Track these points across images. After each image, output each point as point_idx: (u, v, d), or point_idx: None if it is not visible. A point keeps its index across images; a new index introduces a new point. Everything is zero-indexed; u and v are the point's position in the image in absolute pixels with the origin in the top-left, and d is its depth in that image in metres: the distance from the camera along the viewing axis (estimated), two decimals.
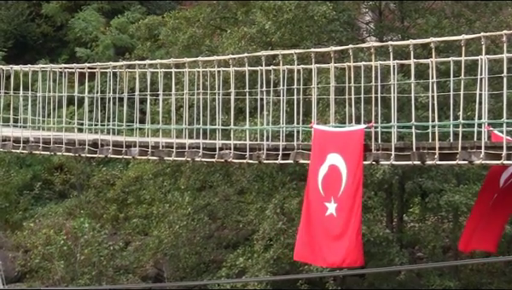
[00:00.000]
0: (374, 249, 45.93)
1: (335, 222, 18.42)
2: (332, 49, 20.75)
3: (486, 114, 17.65)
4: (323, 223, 18.65)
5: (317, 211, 18.81)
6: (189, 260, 47.90)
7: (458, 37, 19.01)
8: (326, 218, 18.57)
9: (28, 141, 27.75)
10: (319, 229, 18.81)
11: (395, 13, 51.88)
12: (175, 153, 23.74)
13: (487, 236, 20.42)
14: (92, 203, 51.12)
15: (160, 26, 52.44)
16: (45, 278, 46.83)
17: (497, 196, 19.71)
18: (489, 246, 20.78)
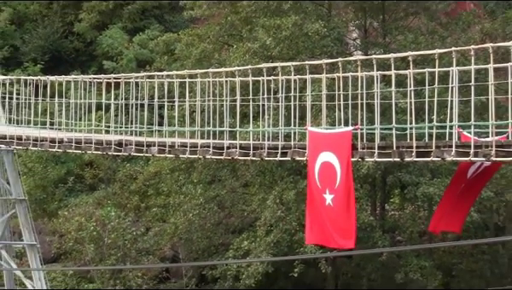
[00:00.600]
0: (360, 234, 45.68)
1: (333, 211, 18.52)
2: (324, 62, 20.73)
3: (457, 118, 17.63)
4: (324, 211, 18.76)
5: (318, 201, 18.94)
6: (201, 243, 47.93)
7: (432, 51, 18.97)
8: (326, 208, 18.64)
9: (62, 141, 27.73)
10: (322, 217, 18.90)
11: (378, 30, 51.92)
12: (189, 151, 23.74)
13: (454, 220, 20.48)
14: (118, 194, 51.10)
15: (176, 42, 52.41)
16: (77, 259, 46.84)
17: (464, 186, 19.72)
18: (455, 228, 20.84)
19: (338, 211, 18.55)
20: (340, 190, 18.54)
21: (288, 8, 47.70)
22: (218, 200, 47.68)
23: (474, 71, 17.49)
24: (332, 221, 18.78)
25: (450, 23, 52.05)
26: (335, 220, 18.69)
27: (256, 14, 48.70)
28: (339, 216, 18.58)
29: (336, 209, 18.55)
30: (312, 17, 48.19)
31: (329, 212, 18.72)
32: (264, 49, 45.06)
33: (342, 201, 18.56)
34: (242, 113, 23.68)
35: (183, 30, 53.48)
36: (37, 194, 48.40)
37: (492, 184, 40.89)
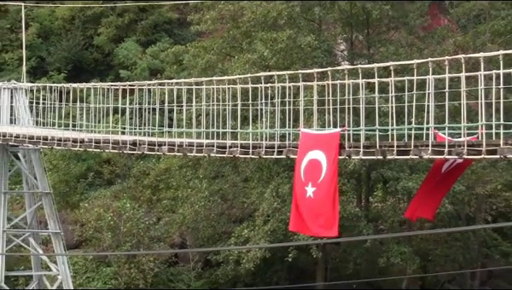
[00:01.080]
0: (347, 223, 46.03)
1: (314, 202, 18.54)
2: (315, 71, 20.74)
3: (433, 120, 17.64)
4: (305, 203, 18.78)
5: (300, 193, 18.92)
6: (206, 232, 47.94)
7: (411, 61, 18.98)
8: (307, 199, 18.67)
9: (83, 141, 27.74)
10: (303, 208, 18.92)
11: (363, 43, 51.87)
12: (195, 150, 23.73)
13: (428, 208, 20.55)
14: (132, 188, 51.09)
15: (184, 53, 52.40)
16: (96, 245, 46.82)
17: (438, 180, 19.74)
18: (429, 215, 20.92)
19: (318, 203, 18.55)
20: (322, 184, 18.52)
21: (283, 24, 47.73)
22: (221, 194, 47.71)
23: (448, 79, 17.52)
24: (311, 212, 18.78)
25: (427, 36, 52.13)
26: (315, 211, 18.69)
27: (255, 28, 48.72)
28: (319, 207, 18.57)
29: (317, 201, 18.56)
30: (305, 31, 48.19)
31: (310, 204, 18.73)
32: (262, 59, 45.07)
33: (324, 194, 18.51)
34: (243, 116, 23.67)
35: (191, 42, 53.48)
36: (60, 187, 48.38)
37: (464, 179, 40.95)
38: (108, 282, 46.11)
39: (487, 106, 17.08)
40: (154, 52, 57.79)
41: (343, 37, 53.46)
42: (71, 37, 60.35)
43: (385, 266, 47.01)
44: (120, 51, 59.03)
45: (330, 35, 52.52)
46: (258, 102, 22.19)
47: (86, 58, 59.88)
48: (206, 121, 23.65)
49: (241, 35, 49.86)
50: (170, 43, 57.89)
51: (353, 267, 49.42)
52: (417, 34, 52.13)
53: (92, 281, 45.90)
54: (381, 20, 50.15)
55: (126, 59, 57.99)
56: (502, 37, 48.91)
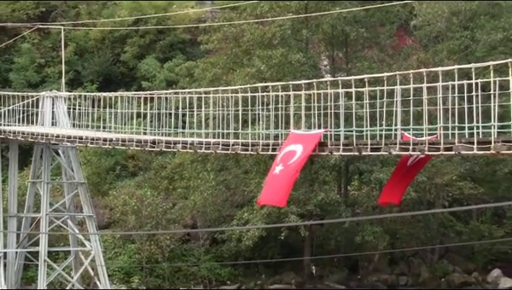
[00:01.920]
0: (329, 208, 46.28)
1: (277, 177, 18.68)
2: (303, 82, 20.71)
3: (400, 123, 17.63)
4: (271, 178, 18.94)
5: (271, 171, 19.03)
6: (213, 215, 48.02)
7: (382, 74, 18.95)
8: (273, 175, 18.81)
9: (112, 140, 27.71)
10: (269, 181, 19.09)
11: (342, 59, 51.97)
12: (204, 147, 23.75)
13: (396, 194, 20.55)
14: (152, 179, 51.05)
15: (195, 67, 52.49)
16: (122, 226, 46.84)
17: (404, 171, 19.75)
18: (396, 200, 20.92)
19: (280, 179, 18.70)
20: (289, 166, 18.62)
21: (276, 43, 47.81)
22: (225, 183, 47.76)
23: (412, 89, 17.53)
24: (272, 185, 18.94)
25: (395, 54, 52.30)
26: (276, 185, 18.82)
27: (253, 47, 48.80)
28: (279, 182, 18.71)
29: (279, 177, 18.70)
30: (294, 50, 48.26)
31: (273, 178, 18.85)
32: (259, 72, 45.17)
33: (287, 174, 18.60)
34: (243, 119, 23.66)
35: (200, 59, 53.45)
36: (93, 178, 48.35)
37: (425, 171, 41.02)
38: (132, 256, 46.17)
39: (445, 111, 17.07)
40: (170, 67, 57.78)
41: (326, 54, 53.80)
42: (101, 54, 60.31)
43: (360, 243, 47.05)
44: (142, 66, 59.01)
45: (315, 53, 52.75)
46: (256, 108, 22.17)
47: (114, 72, 59.85)
48: (212, 124, 23.62)
49: (241, 52, 49.95)
50: (183, 60, 57.88)
51: (334, 244, 49.56)
52: (387, 52, 52.28)
53: (119, 256, 45.96)
54: (357, 40, 50.29)
55: (147, 72, 57.94)
56: (456, 55, 49.03)
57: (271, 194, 19.07)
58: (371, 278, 48.96)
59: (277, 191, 18.83)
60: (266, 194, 19.36)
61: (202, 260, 47.67)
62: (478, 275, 49.39)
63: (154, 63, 58.99)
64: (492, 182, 49.84)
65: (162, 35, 60.80)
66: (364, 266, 49.70)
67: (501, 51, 46.94)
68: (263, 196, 19.67)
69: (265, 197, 19.58)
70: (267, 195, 19.35)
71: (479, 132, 16.56)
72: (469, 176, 49.00)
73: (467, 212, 49.78)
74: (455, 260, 50.41)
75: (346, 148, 19.26)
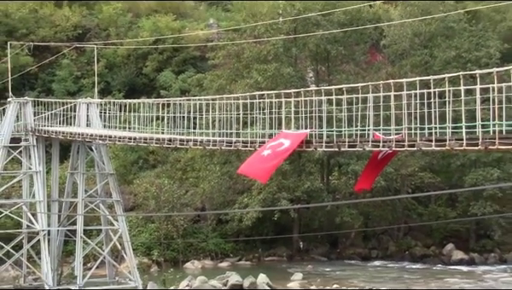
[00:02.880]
0: (314, 194, 46.39)
1: (263, 159, 18.71)
2: (292, 91, 20.69)
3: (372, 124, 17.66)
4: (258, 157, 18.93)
5: (258, 153, 19.05)
6: (218, 200, 48.12)
7: (357, 84, 18.98)
8: (260, 156, 18.82)
9: (136, 138, 27.73)
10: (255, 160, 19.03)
11: (325, 72, 52.08)
12: (211, 144, 23.73)
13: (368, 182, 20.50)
14: (169, 170, 50.99)
15: (204, 79, 52.56)
16: (144, 209, 46.83)
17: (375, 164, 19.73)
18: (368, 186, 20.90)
19: (266, 161, 18.73)
20: (276, 153, 18.70)
21: (271, 59, 47.97)
22: (228, 174, 47.71)
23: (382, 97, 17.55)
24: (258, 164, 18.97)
25: (368, 68, 52.44)
26: (261, 164, 18.82)
27: (251, 62, 48.93)
28: (265, 163, 18.73)
29: (265, 159, 18.75)
30: (285, 64, 48.45)
31: (260, 158, 18.85)
32: (256, 83, 45.31)
33: (273, 158, 18.62)
34: (243, 121, 23.68)
35: (208, 72, 53.55)
36: (120, 170, 48.26)
37: (393, 164, 41.10)
38: (152, 234, 46.16)
39: (408, 115, 17.10)
40: (184, 78, 57.75)
41: (311, 68, 53.98)
42: (127, 68, 60.31)
43: (339, 223, 47.17)
44: (161, 78, 58.96)
45: (303, 67, 52.98)
46: (254, 112, 22.17)
47: (137, 82, 59.80)
48: (218, 125, 23.62)
49: (242, 67, 50.08)
50: (194, 72, 57.83)
51: (318, 224, 49.65)
52: (361, 66, 52.44)
53: (142, 233, 45.97)
54: (336, 56, 50.51)
55: (165, 83, 57.91)
56: (418, 68, 49.17)
57: (255, 170, 19.09)
58: (348, 251, 49.06)
59: (261, 169, 18.90)
60: (248, 167, 19.35)
61: (210, 237, 47.73)
62: (435, 249, 49.45)
63: (171, 75, 58.96)
64: (447, 173, 49.93)
65: (177, 52, 60.80)
66: (343, 242, 49.78)
67: (454, 66, 47.06)
68: (244, 167, 19.59)
69: (247, 169, 19.56)
70: (249, 168, 19.36)
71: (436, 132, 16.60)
72: (428, 167, 49.16)
73: (426, 197, 49.82)
74: (416, 236, 50.51)
75: (328, 145, 19.26)
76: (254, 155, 19.31)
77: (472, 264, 46.44)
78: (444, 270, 43.84)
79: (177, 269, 42.47)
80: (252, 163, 19.15)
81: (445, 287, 27.91)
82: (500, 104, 14.97)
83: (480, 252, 48.71)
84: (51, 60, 55.83)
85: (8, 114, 32.59)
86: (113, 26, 63.59)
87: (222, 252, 47.52)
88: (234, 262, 46.28)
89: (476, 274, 42.36)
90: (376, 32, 53.70)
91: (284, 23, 49.26)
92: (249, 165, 19.27)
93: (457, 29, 52.23)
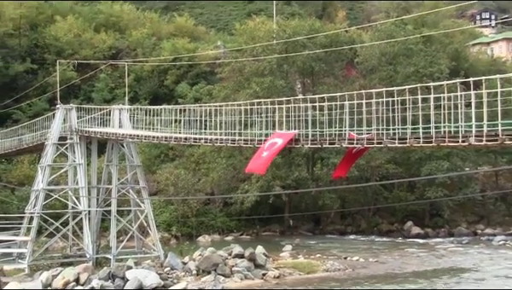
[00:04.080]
0: (301, 182, 46.36)
1: (263, 158, 19.03)
2: (284, 99, 20.77)
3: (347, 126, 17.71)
4: (259, 158, 19.32)
5: (259, 154, 19.47)
6: (224, 186, 48.10)
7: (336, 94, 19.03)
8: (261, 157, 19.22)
9: (158, 137, 27.75)
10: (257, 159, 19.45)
11: (310, 84, 52.09)
12: (219, 142, 23.75)
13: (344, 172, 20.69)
14: (184, 163, 50.99)
15: (213, 89, 52.58)
16: (165, 194, 46.71)
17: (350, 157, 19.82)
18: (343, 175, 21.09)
19: (264, 159, 19.04)
20: (271, 152, 19.14)
21: (267, 73, 48.06)
22: (232, 166, 47.77)
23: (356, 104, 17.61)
24: (259, 162, 19.24)
25: (344, 80, 52.45)
26: (262, 162, 19.25)
27: (251, 75, 48.95)
28: (263, 161, 19.18)
29: (264, 158, 19.04)
30: (278, 78, 48.48)
31: (261, 159, 19.16)
32: (255, 93, 45.29)
33: (268, 156, 19.21)
34: (244, 123, 23.70)
35: (216, 83, 53.63)
36: (146, 162, 48.08)
37: (364, 157, 41.09)
38: (172, 214, 46.13)
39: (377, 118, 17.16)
40: (197, 89, 57.79)
41: (299, 80, 53.94)
42: (151, 80, 60.40)
43: (321, 205, 47.26)
44: (178, 88, 59.00)
45: (292, 79, 52.93)
46: (254, 116, 22.23)
47: (160, 92, 59.83)
48: (224, 126, 23.65)
49: (243, 79, 50.10)
50: (205, 84, 57.88)
51: (305, 206, 49.68)
52: (339, 79, 52.48)
53: (163, 213, 45.90)
54: (319, 71, 50.59)
55: (181, 93, 57.95)
56: (384, 81, 49.17)
57: (256, 167, 19.71)
58: (328, 228, 49.16)
59: (260, 165, 19.42)
60: (252, 166, 19.94)
61: (217, 216, 47.78)
62: (397, 225, 49.61)
63: (186, 86, 59.01)
64: (407, 165, 50.00)
65: (191, 68, 60.86)
66: (324, 220, 49.85)
67: (413, 79, 47.08)
68: (249, 167, 20.20)
69: (251, 168, 20.08)
70: (253, 167, 19.92)
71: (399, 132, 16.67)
72: (392, 160, 49.22)
73: (391, 184, 49.91)
74: (383, 215, 50.62)
75: (313, 142, 19.36)
76: (256, 156, 19.57)
77: (426, 237, 46.57)
78: (404, 242, 43.94)
79: (191, 242, 42.51)
80: (254, 162, 19.63)
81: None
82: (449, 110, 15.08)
83: (432, 228, 48.96)
84: (91, 74, 55.77)
85: (56, 118, 32.61)
86: (140, 47, 63.66)
87: (227, 228, 47.57)
88: (237, 236, 46.35)
89: (429, 245, 42.46)
90: (351, 52, 53.75)
91: (277, 44, 49.31)
92: (253, 164, 19.80)
93: (415, 50, 52.44)
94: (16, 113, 52.19)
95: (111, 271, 26.79)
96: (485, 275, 30.29)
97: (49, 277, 26.29)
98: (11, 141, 39.45)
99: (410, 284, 28.13)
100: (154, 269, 27.99)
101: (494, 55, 77.06)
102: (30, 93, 53.24)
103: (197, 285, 26.69)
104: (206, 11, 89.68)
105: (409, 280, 29.21)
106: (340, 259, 34.46)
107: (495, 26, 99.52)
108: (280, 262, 32.31)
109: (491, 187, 52.52)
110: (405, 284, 28.11)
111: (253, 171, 20.68)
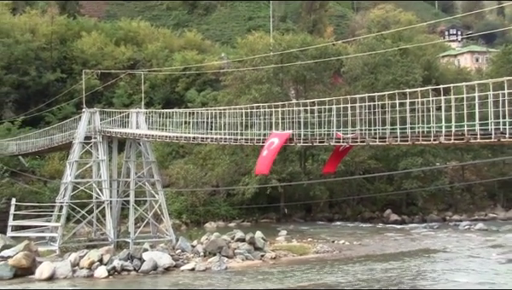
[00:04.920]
0: (295, 175, 46.28)
1: (264, 158, 18.98)
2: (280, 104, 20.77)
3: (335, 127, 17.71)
4: (261, 158, 19.17)
5: (261, 154, 19.34)
6: (228, 179, 47.99)
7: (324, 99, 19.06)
8: (262, 157, 19.12)
9: (170, 137, 27.73)
10: (260, 159, 19.18)
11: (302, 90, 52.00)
12: (223, 141, 23.76)
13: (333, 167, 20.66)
14: (193, 159, 50.79)
15: (218, 95, 52.58)
16: (176, 186, 46.61)
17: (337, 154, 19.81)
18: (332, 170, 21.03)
19: (265, 159, 19.10)
20: (271, 150, 19.10)
21: (264, 81, 47.98)
22: (235, 161, 47.78)
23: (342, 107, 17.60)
24: (261, 162, 19.18)
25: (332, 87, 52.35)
26: (264, 162, 19.09)
27: (251, 83, 48.87)
28: (265, 160, 19.04)
29: (265, 157, 19.06)
30: (275, 85, 48.40)
31: (262, 159, 19.13)
32: (254, 98, 45.10)
33: (268, 155, 19.04)
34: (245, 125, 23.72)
35: (221, 90, 53.55)
36: (159, 158, 47.86)
37: (350, 154, 41.02)
38: (182, 203, 45.97)
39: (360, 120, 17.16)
40: (204, 94, 57.67)
41: (293, 87, 53.78)
42: (164, 87, 60.34)
43: (312, 195, 47.17)
44: (188, 94, 58.81)
45: (287, 86, 52.78)
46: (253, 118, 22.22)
47: (171, 97, 59.67)
48: (228, 127, 23.65)
49: (244, 86, 49.98)
50: (211, 90, 57.83)
51: (297, 196, 49.44)
52: (328, 86, 52.34)
53: (174, 203, 45.71)
54: (310, 79, 50.49)
55: (190, 98, 57.75)
56: (366, 88, 49.10)
57: (262, 169, 19.47)
58: (318, 215, 49.11)
59: (264, 165, 19.13)
60: (258, 168, 19.66)
61: (222, 205, 47.71)
62: (378, 213, 49.59)
63: (194, 92, 58.88)
64: (387, 160, 49.97)
65: (199, 76, 60.74)
66: (315, 208, 49.81)
67: (391, 86, 46.95)
68: (257, 169, 20.00)
69: (258, 169, 19.91)
70: (259, 168, 19.66)
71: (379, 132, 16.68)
72: (374, 157, 49.21)
73: (372, 177, 49.89)
74: (365, 204, 50.57)
75: (305, 141, 19.37)
76: (259, 158, 19.58)
77: (403, 223, 46.57)
78: (384, 228, 43.95)
79: (199, 227, 42.51)
80: (259, 163, 19.62)
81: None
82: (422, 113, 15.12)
83: (408, 215, 48.95)
84: (112, 82, 55.73)
85: (82, 120, 32.67)
86: (155, 58, 63.52)
87: (230, 216, 47.47)
88: (239, 223, 46.26)
89: (405, 230, 42.49)
90: (338, 63, 53.67)
91: (274, 56, 49.29)
92: (259, 167, 19.73)
93: (393, 61, 52.39)
94: (48, 115, 52.26)
95: (130, 253, 26.90)
96: (452, 256, 30.39)
97: (77, 258, 26.39)
98: (44, 140, 39.71)
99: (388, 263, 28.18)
100: (167, 252, 28.14)
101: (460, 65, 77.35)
102: (59, 98, 53.39)
103: (204, 265, 26.81)
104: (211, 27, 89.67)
105: (387, 260, 29.27)
106: (329, 243, 34.49)
107: (461, 40, 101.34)
108: (276, 245, 32.37)
109: (458, 179, 52.60)
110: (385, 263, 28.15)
111: (261, 172, 20.49)
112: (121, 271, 25.53)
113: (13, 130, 49.69)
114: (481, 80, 14.85)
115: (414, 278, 24.76)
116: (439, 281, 23.98)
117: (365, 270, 26.29)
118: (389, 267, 27.24)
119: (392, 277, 24.79)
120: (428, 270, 26.61)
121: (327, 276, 24.99)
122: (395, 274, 25.52)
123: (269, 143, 19.46)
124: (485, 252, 30.77)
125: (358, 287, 22.80)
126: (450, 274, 25.23)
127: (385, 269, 26.56)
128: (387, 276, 24.94)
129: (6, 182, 41.46)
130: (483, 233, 39.76)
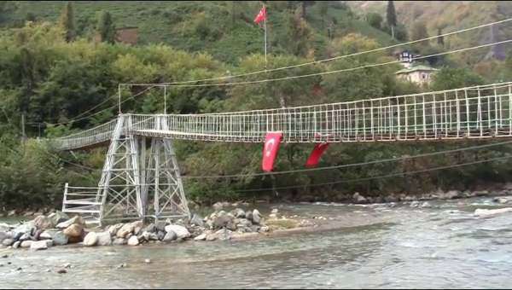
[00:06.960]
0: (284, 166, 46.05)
1: (267, 158, 18.81)
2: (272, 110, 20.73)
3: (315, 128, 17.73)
4: (265, 158, 19.00)
5: (264, 154, 19.11)
6: (231, 169, 47.71)
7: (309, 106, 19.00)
8: (266, 156, 18.92)
9: (186, 135, 27.61)
10: (264, 159, 19.07)
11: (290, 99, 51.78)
12: (227, 139, 23.68)
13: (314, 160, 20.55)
14: (204, 153, 50.49)
15: (224, 103, 52.26)
16: (191, 174, 46.44)
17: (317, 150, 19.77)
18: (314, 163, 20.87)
19: (268, 158, 18.89)
20: (272, 151, 18.85)
21: (260, 92, 47.79)
22: (237, 155, 47.57)
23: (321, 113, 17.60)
24: (266, 161, 19.06)
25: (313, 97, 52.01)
26: (267, 161, 18.93)
27: (250, 94, 48.68)
28: (268, 159, 18.84)
29: (268, 157, 18.90)
30: (268, 95, 48.21)
31: (266, 158, 19.00)
32: (252, 105, 44.84)
33: (270, 155, 18.78)
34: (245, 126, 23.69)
35: (226, 99, 53.35)
36: (178, 153, 47.31)
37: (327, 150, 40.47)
38: (196, 187, 45.80)
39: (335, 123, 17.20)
40: (213, 102, 57.31)
41: (283, 97, 53.45)
42: (182, 97, 60.06)
43: (297, 181, 47.09)
44: (200, 102, 58.44)
45: (278, 96, 52.41)
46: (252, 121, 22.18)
47: (187, 105, 59.25)
48: (231, 128, 23.60)
49: (244, 96, 49.75)
50: (218, 99, 57.53)
51: (286, 182, 49.19)
52: (310, 96, 52.14)
53: (189, 187, 45.25)
54: (296, 91, 50.32)
55: (202, 105, 57.35)
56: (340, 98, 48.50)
57: (267, 166, 19.17)
58: (302, 197, 49.00)
59: (269, 163, 19.09)
60: (265, 166, 19.56)
61: (227, 189, 47.55)
62: (349, 195, 49.53)
63: (205, 101, 58.48)
64: (356, 154, 49.93)
65: (209, 88, 60.47)
66: (300, 192, 49.67)
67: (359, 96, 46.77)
68: (263, 166, 19.87)
69: (265, 167, 19.71)
70: (265, 166, 19.53)
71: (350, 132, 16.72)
72: (346, 151, 49.20)
73: (345, 168, 49.90)
74: (339, 188, 50.46)
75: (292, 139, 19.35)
76: (264, 158, 19.45)
77: (367, 203, 46.59)
78: (353, 207, 43.99)
79: (209, 207, 42.52)
80: (264, 161, 19.44)
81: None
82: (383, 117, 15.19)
83: (372, 196, 49.01)
84: (141, 93, 55.63)
85: (118, 123, 32.65)
86: (175, 74, 63.20)
87: (233, 197, 47.28)
88: (240, 203, 45.99)
89: (369, 208, 42.58)
90: (317, 78, 53.65)
91: (268, 72, 49.17)
92: (265, 165, 19.42)
93: (360, 77, 52.35)
94: (92, 119, 52.41)
95: (155, 226, 27.12)
96: (404, 227, 30.68)
97: (115, 229, 26.61)
98: (89, 138, 40.30)
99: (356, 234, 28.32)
100: (184, 225, 28.31)
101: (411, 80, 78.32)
102: (101, 106, 53.81)
103: (213, 236, 27.00)
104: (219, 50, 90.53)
105: (356, 231, 29.41)
106: (310, 218, 34.58)
107: (411, 61, 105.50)
108: (269, 220, 32.48)
109: (409, 168, 52.88)
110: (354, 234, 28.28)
111: (267, 169, 20.26)
112: (149, 240, 25.87)
113: (66, 130, 51.21)
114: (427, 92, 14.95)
115: (376, 244, 25.21)
116: (395, 246, 24.37)
117: (339, 240, 26.51)
118: (357, 237, 27.46)
119: (359, 244, 25.16)
120: (386, 238, 26.95)
121: (308, 244, 25.18)
122: (362, 242, 25.84)
123: (268, 145, 19.33)
124: (429, 224, 31.29)
125: (335, 252, 22.98)
126: (403, 241, 25.60)
127: (354, 238, 26.78)
128: (355, 243, 25.23)
129: (61, 171, 42.90)
130: (428, 209, 40.15)
